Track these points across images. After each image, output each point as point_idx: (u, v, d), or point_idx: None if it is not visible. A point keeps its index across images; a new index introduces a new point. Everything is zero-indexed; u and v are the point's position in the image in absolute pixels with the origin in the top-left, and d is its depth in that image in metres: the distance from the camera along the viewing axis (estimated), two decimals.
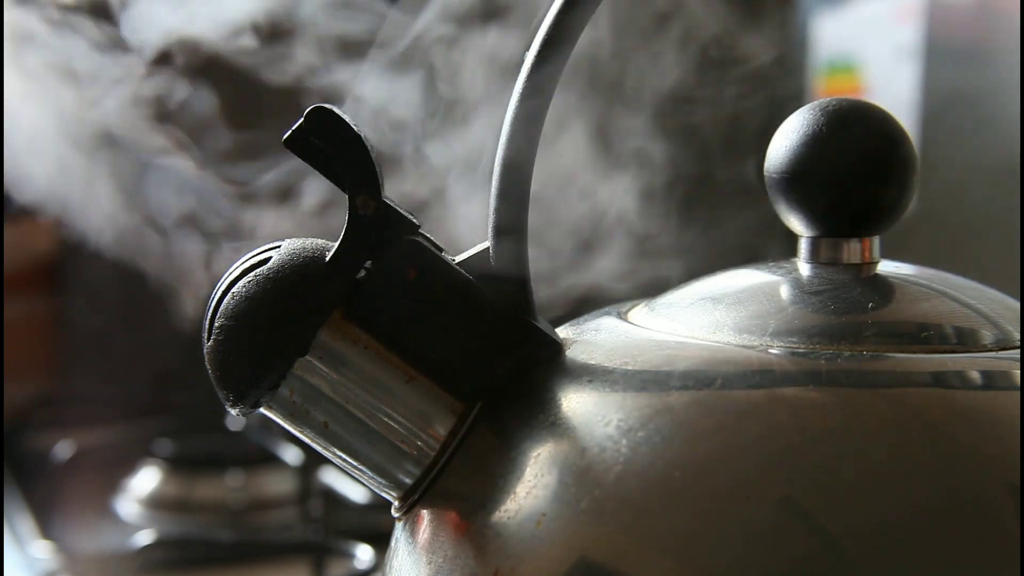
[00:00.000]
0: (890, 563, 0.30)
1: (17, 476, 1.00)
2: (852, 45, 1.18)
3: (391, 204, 0.37)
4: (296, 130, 0.37)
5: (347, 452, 0.38)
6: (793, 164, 0.38)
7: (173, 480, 0.94)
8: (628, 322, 0.40)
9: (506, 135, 0.37)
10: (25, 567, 0.83)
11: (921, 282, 0.39)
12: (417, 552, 0.37)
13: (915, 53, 1.09)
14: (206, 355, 0.37)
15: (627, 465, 0.33)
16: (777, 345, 0.36)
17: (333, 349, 0.37)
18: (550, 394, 0.36)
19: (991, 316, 0.37)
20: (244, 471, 0.94)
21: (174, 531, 0.87)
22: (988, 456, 0.32)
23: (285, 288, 0.37)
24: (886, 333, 0.36)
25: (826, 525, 0.31)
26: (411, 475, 0.38)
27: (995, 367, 0.35)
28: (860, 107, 0.39)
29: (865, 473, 0.31)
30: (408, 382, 0.37)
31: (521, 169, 0.37)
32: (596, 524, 0.33)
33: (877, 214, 0.39)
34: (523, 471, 0.34)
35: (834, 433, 0.32)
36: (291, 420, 0.38)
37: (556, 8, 0.36)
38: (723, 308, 0.38)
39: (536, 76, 0.36)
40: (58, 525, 0.89)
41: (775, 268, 0.40)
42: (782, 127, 0.39)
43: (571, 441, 0.34)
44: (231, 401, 0.37)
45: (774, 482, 0.32)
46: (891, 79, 1.11)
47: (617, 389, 0.35)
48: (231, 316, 0.37)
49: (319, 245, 0.38)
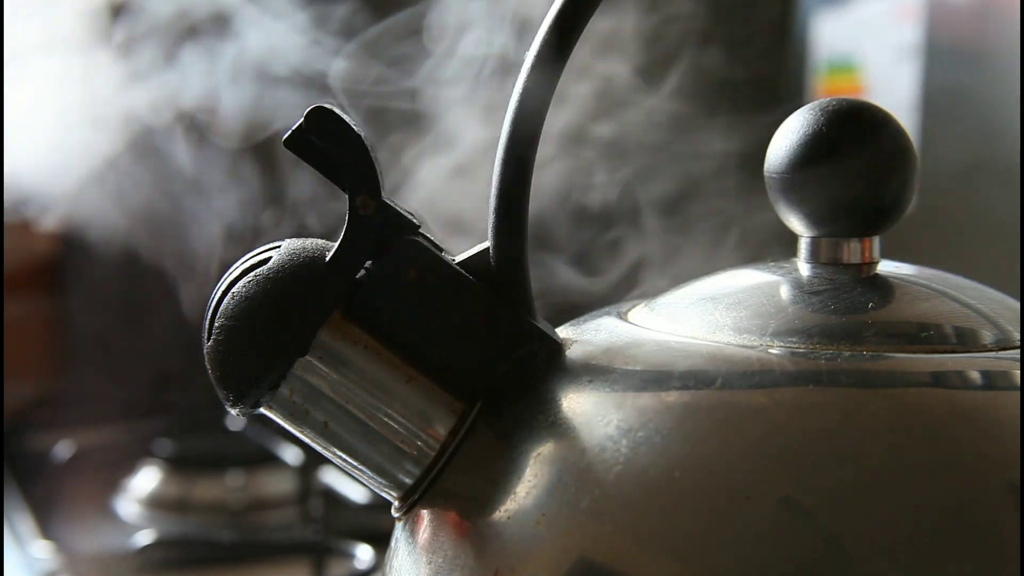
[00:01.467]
0: (890, 563, 0.30)
1: (17, 476, 1.00)
2: (852, 45, 1.18)
3: (391, 204, 0.37)
4: (296, 130, 0.37)
5: (347, 452, 0.38)
6: (793, 164, 0.38)
7: (173, 480, 0.94)
8: (628, 322, 0.40)
9: (507, 135, 0.37)
10: (25, 567, 0.83)
11: (921, 282, 0.39)
12: (417, 552, 0.37)
13: (915, 53, 1.09)
14: (206, 355, 0.37)
15: (627, 465, 0.33)
16: (777, 345, 0.36)
17: (333, 349, 0.37)
18: (550, 394, 0.36)
19: (991, 316, 0.37)
20: (244, 471, 0.94)
21: (174, 531, 0.87)
22: (988, 456, 0.32)
23: (285, 288, 0.37)
24: (886, 333, 0.36)
25: (826, 525, 0.31)
26: (411, 475, 0.38)
27: (995, 367, 0.35)
28: (860, 107, 0.39)
29: (865, 473, 0.31)
30: (408, 382, 0.37)
31: (522, 168, 0.37)
32: (596, 524, 0.33)
33: (877, 214, 0.39)
34: (523, 471, 0.34)
35: (834, 433, 0.32)
36: (291, 420, 0.38)
37: (557, 7, 0.36)
38: (723, 308, 0.38)
39: (537, 76, 0.36)
40: (58, 525, 0.89)
41: (775, 268, 0.40)
42: (782, 127, 0.39)
43: (571, 441, 0.34)
44: (231, 401, 0.37)
45: (774, 482, 0.32)
46: (891, 79, 1.11)
47: (617, 389, 0.35)
48: (231, 316, 0.37)
49: (319, 245, 0.38)
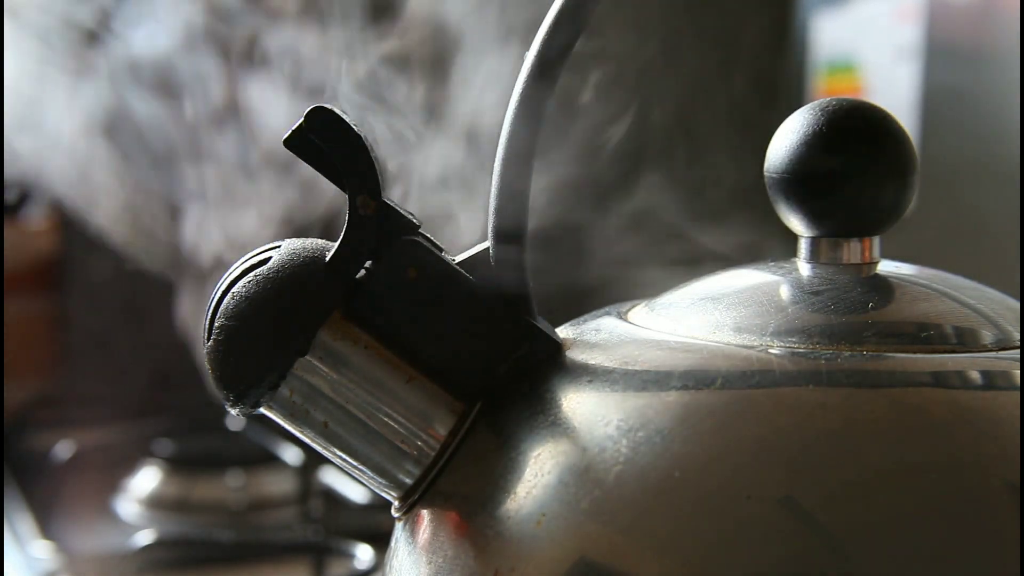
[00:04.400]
0: (890, 563, 0.30)
1: (17, 476, 1.00)
2: (852, 45, 1.18)
3: (391, 204, 0.37)
4: (296, 130, 0.37)
5: (347, 452, 0.38)
6: (793, 164, 0.38)
7: (173, 480, 0.94)
8: (628, 322, 0.40)
9: (506, 135, 0.37)
10: (25, 567, 0.83)
11: (921, 282, 0.39)
12: (417, 552, 0.37)
13: (915, 53, 1.09)
14: (206, 355, 0.37)
15: (627, 465, 0.33)
16: (777, 345, 0.36)
17: (333, 349, 0.37)
18: (550, 394, 0.36)
19: (991, 316, 0.37)
20: (244, 471, 0.94)
21: (174, 531, 0.87)
22: (988, 456, 0.32)
23: (285, 288, 0.37)
24: (886, 333, 0.36)
25: (826, 525, 0.31)
26: (411, 475, 0.38)
27: (995, 367, 0.35)
28: (860, 107, 0.39)
29: (865, 473, 0.31)
30: (408, 382, 0.37)
31: (521, 169, 0.37)
32: (596, 524, 0.33)
33: (877, 214, 0.39)
34: (523, 471, 0.34)
35: (834, 433, 0.32)
36: (291, 420, 0.38)
37: (557, 8, 0.36)
38: (723, 308, 0.38)
39: (537, 76, 0.36)
40: (58, 525, 0.89)
41: (775, 268, 0.40)
42: (782, 127, 0.39)
43: (571, 441, 0.34)
44: (231, 401, 0.37)
45: (774, 482, 0.32)
46: (891, 79, 1.11)
47: (617, 389, 0.35)
48: (231, 316, 0.37)
49: (319, 245, 0.38)
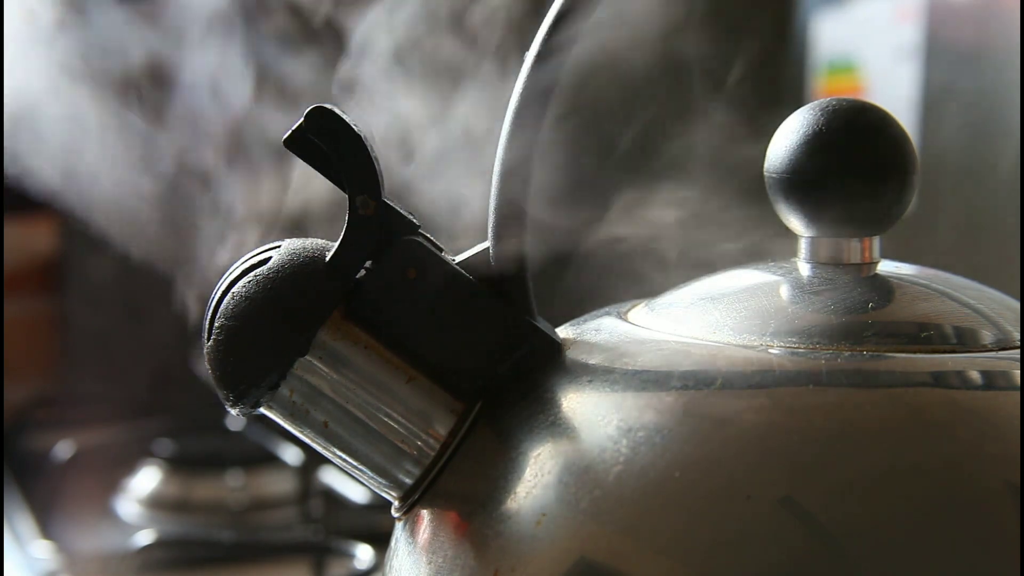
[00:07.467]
0: (890, 563, 0.30)
1: (17, 476, 1.00)
2: (852, 45, 1.18)
3: (391, 204, 0.37)
4: (296, 130, 0.37)
5: (347, 452, 0.38)
6: (793, 164, 0.38)
7: (173, 480, 0.94)
8: (628, 322, 0.40)
9: (506, 136, 0.37)
10: (25, 567, 0.83)
11: (921, 282, 0.39)
12: (417, 552, 0.37)
13: (915, 53, 1.08)
14: (206, 355, 0.37)
15: (627, 465, 0.33)
16: (777, 345, 0.36)
17: (333, 349, 0.37)
18: (550, 394, 0.36)
19: (991, 316, 0.37)
20: (244, 471, 0.94)
21: (174, 531, 0.87)
22: (988, 456, 0.32)
23: (285, 288, 0.37)
24: (886, 333, 0.36)
25: (826, 525, 0.31)
26: (411, 475, 0.38)
27: (995, 367, 0.35)
28: (860, 107, 0.39)
29: (865, 473, 0.31)
30: (408, 382, 0.37)
31: (521, 170, 0.37)
32: (596, 524, 0.33)
33: (877, 214, 0.39)
34: (523, 471, 0.34)
35: (834, 433, 0.32)
36: (291, 420, 0.38)
37: (556, 9, 0.36)
38: (723, 308, 0.38)
39: (536, 77, 0.36)
40: (58, 525, 0.89)
41: (775, 268, 0.40)
42: (782, 127, 0.39)
43: (571, 441, 0.34)
44: (231, 401, 0.37)
45: (774, 482, 0.32)
46: (891, 79, 1.11)
47: (617, 389, 0.35)
48: (231, 316, 0.37)
49: (319, 245, 0.38)
